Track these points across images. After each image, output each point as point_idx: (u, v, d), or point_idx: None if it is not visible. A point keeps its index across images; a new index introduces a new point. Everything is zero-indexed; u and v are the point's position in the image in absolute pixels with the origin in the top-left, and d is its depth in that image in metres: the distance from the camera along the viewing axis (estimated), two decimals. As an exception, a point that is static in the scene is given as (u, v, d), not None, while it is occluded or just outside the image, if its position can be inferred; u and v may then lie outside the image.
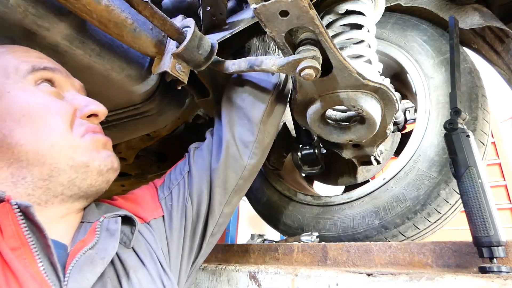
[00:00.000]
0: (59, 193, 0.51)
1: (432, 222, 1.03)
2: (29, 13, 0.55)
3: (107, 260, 0.48)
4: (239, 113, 0.78)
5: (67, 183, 0.51)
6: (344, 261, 0.81)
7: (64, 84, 0.58)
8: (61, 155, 0.50)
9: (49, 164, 0.49)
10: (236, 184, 0.75)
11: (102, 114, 0.58)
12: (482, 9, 1.07)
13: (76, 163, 0.51)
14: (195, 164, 0.76)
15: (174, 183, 0.74)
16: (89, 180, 0.53)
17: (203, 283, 0.95)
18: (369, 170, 1.55)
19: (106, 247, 0.49)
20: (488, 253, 0.60)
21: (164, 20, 0.61)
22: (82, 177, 0.52)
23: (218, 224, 0.75)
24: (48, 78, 0.55)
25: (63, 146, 0.50)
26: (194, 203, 0.71)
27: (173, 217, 0.68)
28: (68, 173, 0.50)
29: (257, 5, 0.55)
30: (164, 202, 0.70)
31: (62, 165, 0.50)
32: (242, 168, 0.75)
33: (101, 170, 0.54)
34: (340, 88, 0.74)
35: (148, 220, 0.65)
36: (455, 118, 0.73)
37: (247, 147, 0.76)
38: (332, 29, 0.87)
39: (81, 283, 0.43)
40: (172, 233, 0.67)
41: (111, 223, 0.53)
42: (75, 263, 0.45)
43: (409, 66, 1.17)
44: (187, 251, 0.70)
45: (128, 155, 1.38)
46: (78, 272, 0.44)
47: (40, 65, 0.54)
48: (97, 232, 0.50)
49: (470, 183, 0.65)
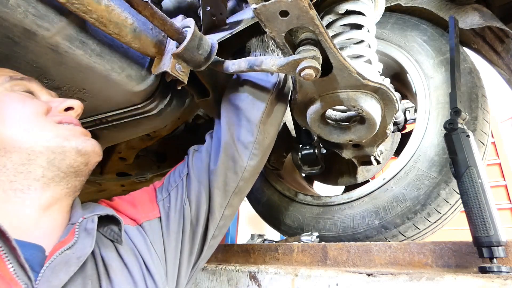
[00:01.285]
0: (40, 175, 0.53)
1: (432, 222, 1.03)
2: (29, 13, 0.55)
3: (83, 258, 0.49)
4: (238, 114, 0.77)
5: (47, 164, 0.53)
6: (344, 261, 0.81)
7: (40, 93, 0.62)
8: (36, 138, 0.53)
9: (25, 148, 0.52)
10: (236, 186, 0.75)
11: (77, 107, 0.61)
12: (482, 9, 1.07)
13: (51, 143, 0.53)
14: (193, 167, 0.76)
15: (172, 185, 0.74)
16: (68, 160, 0.54)
17: (203, 283, 0.95)
18: (369, 170, 1.55)
19: (83, 246, 0.50)
20: (488, 253, 0.60)
21: (164, 20, 0.61)
22: (60, 157, 0.54)
23: (219, 227, 0.74)
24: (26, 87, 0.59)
25: (37, 130, 0.53)
26: (193, 205, 0.71)
27: (171, 219, 0.68)
28: (45, 155, 0.53)
29: (257, 5, 0.55)
30: (162, 204, 0.71)
31: (38, 147, 0.52)
32: (242, 169, 0.75)
33: (79, 150, 0.55)
34: (340, 88, 0.74)
35: (140, 222, 0.66)
36: (455, 118, 0.73)
37: (246, 148, 0.75)
38: (332, 29, 0.87)
39: (53, 282, 0.45)
40: (169, 235, 0.67)
41: (88, 223, 0.54)
42: (49, 264, 0.46)
43: (409, 66, 1.17)
44: (187, 253, 0.69)
45: (128, 155, 1.38)
46: (51, 272, 0.45)
47: (17, 76, 0.59)
48: (76, 232, 0.52)
49: (470, 183, 0.65)
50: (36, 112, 0.55)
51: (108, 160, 1.40)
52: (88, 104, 0.82)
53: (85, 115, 0.89)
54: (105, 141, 1.05)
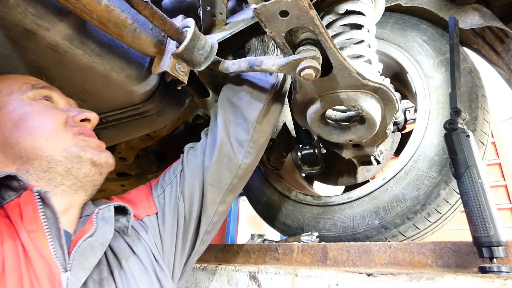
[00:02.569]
0: (59, 183, 0.57)
1: (432, 222, 1.03)
2: (29, 13, 0.55)
3: (106, 244, 0.54)
4: (235, 112, 0.78)
5: (65, 172, 0.57)
6: (344, 261, 0.81)
7: (60, 101, 0.66)
8: (56, 147, 0.57)
9: (46, 156, 0.56)
10: (230, 183, 0.76)
11: (93, 119, 0.66)
12: (482, 9, 1.07)
13: (69, 153, 0.57)
14: (188, 163, 0.78)
15: (167, 182, 0.76)
16: (84, 170, 0.59)
17: (203, 283, 0.95)
18: (369, 170, 1.55)
19: (103, 233, 0.54)
20: (488, 253, 0.60)
21: (164, 20, 0.61)
22: (77, 167, 0.58)
23: (212, 223, 0.76)
24: (46, 95, 0.63)
25: (56, 140, 0.57)
26: (186, 201, 0.73)
27: (166, 214, 0.71)
28: (64, 163, 0.57)
29: (257, 5, 0.55)
30: (157, 200, 0.73)
31: (58, 156, 0.56)
32: (237, 167, 0.76)
33: (94, 161, 0.59)
34: (340, 88, 0.74)
35: (141, 217, 0.69)
36: (455, 118, 0.73)
37: (242, 146, 0.76)
38: (332, 29, 0.87)
39: (84, 264, 0.49)
40: (165, 230, 0.69)
41: (105, 212, 0.58)
42: (77, 249, 0.50)
43: (409, 66, 1.17)
44: (180, 248, 0.71)
45: (128, 155, 1.38)
46: (81, 256, 0.50)
47: (39, 85, 0.63)
48: (95, 222, 0.55)
49: (470, 183, 0.65)
50: (57, 122, 0.59)
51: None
52: (88, 104, 0.82)
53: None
54: (105, 141, 1.05)
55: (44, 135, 0.57)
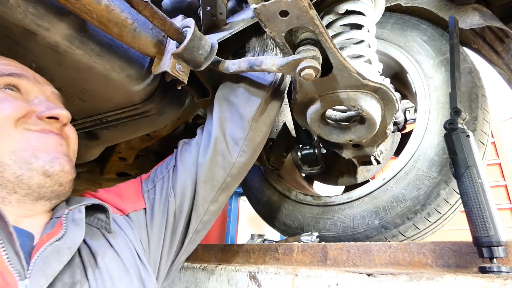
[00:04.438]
0: (11, 190, 0.50)
1: (432, 222, 1.03)
2: (29, 13, 0.55)
3: (74, 248, 0.49)
4: (231, 110, 0.77)
5: (14, 179, 0.50)
6: (344, 261, 0.81)
7: (31, 90, 0.58)
8: (4, 148, 0.49)
9: None
10: (223, 182, 0.74)
11: (63, 118, 0.57)
12: (482, 9, 1.07)
13: (18, 157, 0.50)
14: (181, 159, 0.76)
15: (159, 176, 0.74)
16: (36, 180, 0.51)
17: (203, 283, 0.95)
18: (369, 170, 1.55)
19: (73, 237, 0.50)
20: (488, 253, 0.60)
21: (164, 20, 0.61)
22: (28, 175, 0.50)
23: (203, 221, 0.74)
24: (12, 83, 0.55)
25: (5, 138, 0.50)
26: (177, 197, 0.71)
27: (155, 210, 0.68)
28: (12, 168, 0.49)
29: (257, 5, 0.55)
30: (147, 195, 0.71)
31: (6, 159, 0.49)
32: (231, 165, 0.74)
33: (46, 170, 0.51)
34: (340, 88, 0.74)
35: (127, 212, 0.66)
36: (455, 118, 0.73)
37: (236, 144, 0.75)
38: (332, 29, 0.87)
39: (47, 271, 0.44)
40: (153, 227, 0.67)
41: (75, 214, 0.53)
42: (41, 253, 0.45)
43: (409, 66, 1.17)
44: (167, 246, 0.69)
45: (128, 155, 1.38)
46: (44, 262, 0.45)
47: (4, 72, 0.55)
48: (64, 224, 0.51)
49: (470, 183, 0.65)
50: (10, 117, 0.51)
51: (108, 160, 1.40)
52: (88, 104, 0.82)
53: (85, 115, 0.89)
54: (105, 141, 1.06)
55: None
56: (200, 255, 1.13)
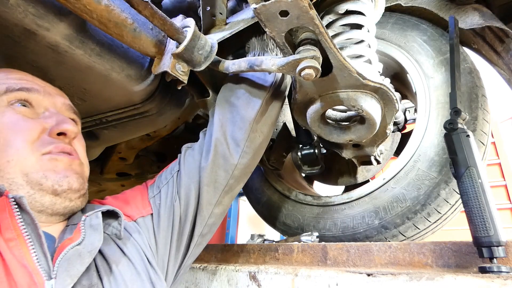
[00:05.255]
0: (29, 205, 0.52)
1: (432, 222, 1.03)
2: (29, 13, 0.55)
3: (94, 252, 0.51)
4: (232, 111, 0.77)
5: (28, 197, 0.51)
6: (344, 261, 0.81)
7: (42, 103, 0.59)
8: (17, 170, 0.52)
9: (6, 178, 0.51)
10: (226, 184, 0.74)
11: (70, 133, 0.59)
12: (482, 9, 1.07)
13: (30, 179, 0.52)
14: (185, 164, 0.76)
15: (163, 182, 0.75)
16: (48, 198, 0.53)
17: (203, 283, 0.95)
18: (369, 170, 1.55)
19: (92, 241, 0.52)
20: (488, 253, 0.60)
21: (164, 20, 0.61)
22: (39, 194, 0.53)
23: (208, 225, 0.74)
24: (23, 98, 0.57)
25: (20, 162, 0.52)
26: (182, 202, 0.72)
27: (161, 215, 0.69)
28: (25, 188, 0.52)
29: (257, 5, 0.55)
30: (153, 201, 0.71)
31: (19, 179, 0.52)
32: (233, 167, 0.74)
33: (55, 189, 0.54)
34: (340, 88, 0.74)
35: (135, 218, 0.67)
36: (455, 118, 0.73)
37: (238, 146, 0.74)
38: (332, 29, 0.87)
39: (71, 272, 0.46)
40: (160, 231, 0.68)
41: (93, 219, 0.55)
42: (64, 255, 0.47)
43: (409, 66, 1.17)
44: (174, 250, 0.70)
45: (128, 155, 1.38)
46: (67, 263, 0.47)
47: (15, 87, 0.56)
48: (82, 230, 0.52)
49: (470, 183, 0.65)
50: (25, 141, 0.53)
51: (108, 160, 1.40)
52: (88, 104, 0.82)
53: (85, 115, 0.89)
54: (105, 141, 1.06)
55: (8, 155, 0.52)
56: (200, 255, 1.13)
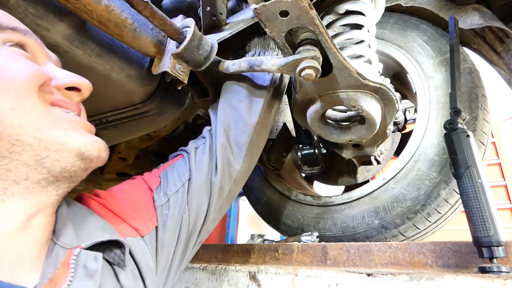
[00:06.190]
0: (22, 177, 0.38)
1: (432, 222, 1.03)
2: (29, 13, 0.55)
3: None
4: (234, 115, 0.76)
5: (34, 163, 0.38)
6: (344, 261, 0.81)
7: (38, 52, 0.46)
8: (25, 123, 0.37)
9: (8, 135, 0.36)
10: (229, 190, 0.72)
11: (86, 89, 0.46)
12: (482, 9, 1.07)
13: (46, 136, 0.39)
14: (197, 172, 0.68)
15: (172, 189, 0.65)
16: (64, 163, 0.40)
17: (203, 283, 0.95)
18: (369, 170, 1.55)
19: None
20: (488, 253, 0.60)
21: (164, 20, 0.61)
22: (54, 157, 0.39)
23: (208, 231, 0.72)
24: (17, 40, 0.43)
25: (28, 110, 0.38)
26: (192, 213, 0.65)
27: (167, 227, 0.60)
28: (35, 150, 0.38)
29: (257, 5, 0.55)
30: (160, 210, 0.61)
31: (28, 137, 0.37)
32: (236, 172, 0.73)
33: (82, 153, 0.42)
34: (340, 88, 0.74)
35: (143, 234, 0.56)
36: (455, 118, 0.73)
37: (241, 150, 0.73)
38: (332, 29, 0.87)
39: None
40: (163, 246, 0.59)
41: (89, 260, 0.41)
42: None
43: (409, 66, 1.17)
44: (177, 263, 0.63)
45: (128, 155, 1.38)
46: None
47: (8, 24, 0.43)
48: (71, 269, 0.39)
49: (470, 183, 0.65)
50: (29, 82, 0.39)
51: (108, 160, 1.40)
52: (88, 104, 0.82)
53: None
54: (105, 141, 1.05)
55: (10, 98, 0.36)
56: (200, 255, 1.14)
